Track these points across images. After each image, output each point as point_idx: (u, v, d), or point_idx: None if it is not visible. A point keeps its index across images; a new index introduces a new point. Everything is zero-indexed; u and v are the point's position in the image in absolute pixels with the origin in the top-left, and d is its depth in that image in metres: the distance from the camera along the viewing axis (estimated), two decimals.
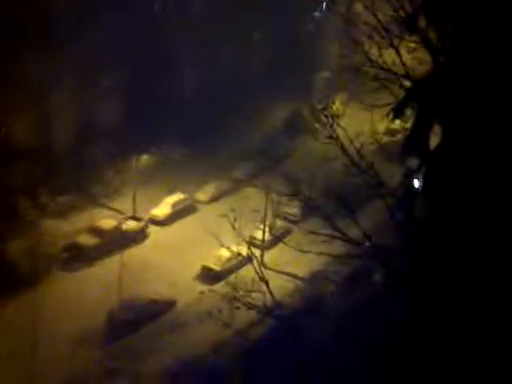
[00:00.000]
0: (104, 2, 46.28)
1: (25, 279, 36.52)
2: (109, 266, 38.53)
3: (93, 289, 35.63)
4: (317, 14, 66.90)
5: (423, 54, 13.09)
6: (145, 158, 49.74)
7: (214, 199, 48.67)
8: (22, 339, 29.03)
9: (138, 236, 43.61)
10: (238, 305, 14.58)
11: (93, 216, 43.78)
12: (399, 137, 45.90)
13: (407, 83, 13.24)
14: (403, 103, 12.35)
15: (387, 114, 12.62)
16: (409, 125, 13.44)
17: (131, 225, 43.80)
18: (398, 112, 12.39)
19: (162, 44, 49.83)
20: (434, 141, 12.63)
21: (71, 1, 44.10)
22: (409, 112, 12.66)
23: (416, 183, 12.86)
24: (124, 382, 32.21)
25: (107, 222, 43.20)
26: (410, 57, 15.67)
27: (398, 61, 13.55)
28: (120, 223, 43.51)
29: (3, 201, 41.91)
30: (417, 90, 12.41)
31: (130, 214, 45.23)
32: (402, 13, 12.79)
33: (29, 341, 28.80)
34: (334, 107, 14.77)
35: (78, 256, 40.77)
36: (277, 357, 25.11)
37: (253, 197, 44.20)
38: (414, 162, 12.92)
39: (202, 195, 49.02)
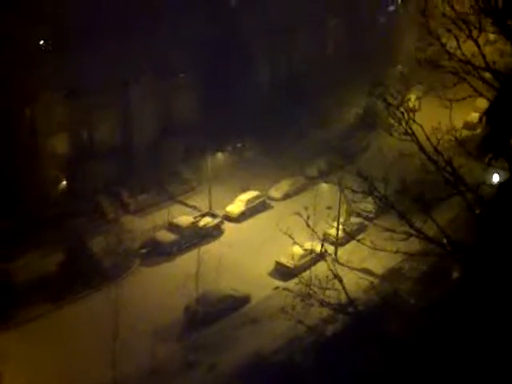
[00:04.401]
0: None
1: (108, 273, 38.06)
2: (186, 261, 39.38)
3: (171, 283, 36.53)
4: (391, 7, 65.76)
5: (504, 46, 12.67)
6: (220, 155, 50.45)
7: (287, 196, 48.81)
8: (106, 330, 30.27)
9: (214, 232, 44.40)
10: (312, 302, 14.56)
11: (171, 213, 44.88)
12: (478, 131, 44.62)
13: (487, 75, 12.84)
14: (496, 105, 11.83)
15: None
16: None
17: (207, 221, 44.61)
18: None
19: (237, 38, 50.11)
20: None
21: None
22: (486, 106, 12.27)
23: (496, 178, 12.49)
24: (202, 373, 32.91)
25: (184, 219, 44.19)
26: (491, 48, 15.18)
27: (477, 53, 13.17)
28: (197, 220, 44.40)
29: (88, 200, 43.74)
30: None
31: (206, 210, 46.10)
32: (481, 3, 12.42)
33: (113, 332, 29.96)
34: (410, 102, 14.48)
35: (156, 251, 42.05)
36: (350, 354, 24.93)
37: (326, 194, 44.00)
38: (493, 157, 12.54)
39: (275, 192, 49.25)
